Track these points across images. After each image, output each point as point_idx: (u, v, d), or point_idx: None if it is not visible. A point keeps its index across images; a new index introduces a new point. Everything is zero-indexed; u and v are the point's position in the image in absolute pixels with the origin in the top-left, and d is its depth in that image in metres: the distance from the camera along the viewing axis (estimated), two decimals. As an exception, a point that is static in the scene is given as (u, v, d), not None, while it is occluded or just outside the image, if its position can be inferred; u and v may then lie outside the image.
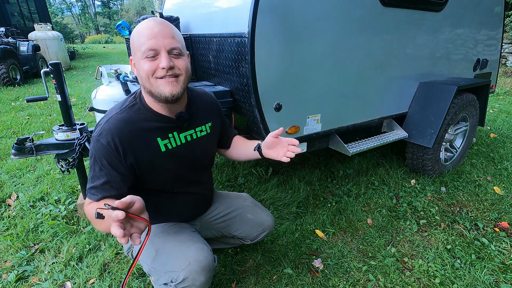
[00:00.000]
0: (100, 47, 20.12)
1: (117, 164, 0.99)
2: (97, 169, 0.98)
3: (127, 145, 0.99)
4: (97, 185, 0.97)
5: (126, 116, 1.01)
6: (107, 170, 0.98)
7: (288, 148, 1.09)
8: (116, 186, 0.99)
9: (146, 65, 0.94)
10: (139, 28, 0.96)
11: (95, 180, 0.98)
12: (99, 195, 0.97)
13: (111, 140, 0.97)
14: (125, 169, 1.00)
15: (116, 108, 1.04)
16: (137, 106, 1.04)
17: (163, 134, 1.06)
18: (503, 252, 1.68)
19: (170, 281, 1.05)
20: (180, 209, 1.24)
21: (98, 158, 0.98)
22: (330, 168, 2.62)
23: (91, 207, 0.96)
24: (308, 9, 1.53)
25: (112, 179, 0.98)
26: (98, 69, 1.75)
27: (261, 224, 1.37)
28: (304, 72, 1.63)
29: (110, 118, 1.00)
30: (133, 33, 0.97)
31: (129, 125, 1.00)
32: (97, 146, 0.98)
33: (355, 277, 1.54)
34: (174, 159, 1.10)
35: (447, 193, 2.26)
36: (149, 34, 0.93)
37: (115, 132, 0.97)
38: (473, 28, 2.46)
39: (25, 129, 3.72)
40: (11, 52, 6.78)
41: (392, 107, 2.21)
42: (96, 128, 1.01)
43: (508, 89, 5.57)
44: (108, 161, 0.97)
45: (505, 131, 3.46)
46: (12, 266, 1.61)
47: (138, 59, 0.96)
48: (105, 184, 0.97)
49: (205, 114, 1.20)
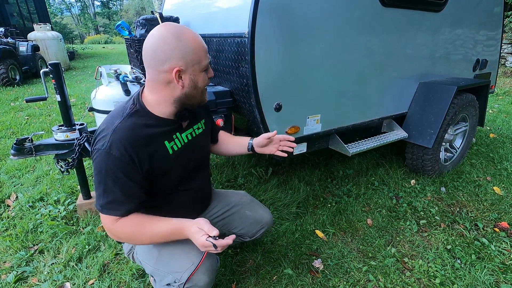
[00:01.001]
0: (100, 48, 20.11)
1: (133, 174, 0.97)
2: (110, 183, 0.95)
3: (141, 153, 0.97)
4: (115, 199, 0.96)
5: (132, 124, 0.98)
6: (123, 182, 0.95)
7: (279, 143, 1.24)
8: (135, 195, 0.98)
9: (205, 77, 1.03)
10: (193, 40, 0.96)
11: (109, 194, 0.96)
12: (121, 209, 0.97)
13: (124, 151, 0.94)
14: (141, 177, 0.99)
15: (117, 117, 0.99)
16: (139, 112, 1.01)
17: (168, 137, 1.06)
18: (503, 252, 1.68)
19: (174, 281, 1.05)
20: (183, 206, 1.24)
21: (111, 171, 0.94)
22: (330, 169, 2.62)
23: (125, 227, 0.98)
24: (308, 9, 1.53)
25: (129, 190, 0.97)
26: (98, 69, 1.75)
27: (260, 221, 1.37)
28: (304, 72, 1.63)
29: (116, 128, 0.95)
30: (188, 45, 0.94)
31: (137, 132, 0.98)
32: (108, 159, 0.93)
33: (355, 277, 1.54)
34: (181, 159, 1.11)
35: (447, 193, 2.26)
36: (205, 49, 1.00)
37: (126, 142, 0.94)
38: (472, 29, 2.46)
39: (25, 130, 3.71)
40: (11, 52, 6.77)
41: (392, 107, 2.21)
42: (100, 141, 0.96)
43: (508, 89, 5.58)
44: (124, 173, 0.95)
45: (504, 131, 3.46)
46: (11, 266, 1.61)
47: (197, 72, 0.99)
48: (124, 196, 0.96)
49: (199, 111, 1.22)
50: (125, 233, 1.00)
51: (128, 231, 0.99)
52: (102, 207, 0.97)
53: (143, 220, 1.00)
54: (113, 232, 1.00)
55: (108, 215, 0.98)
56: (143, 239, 1.02)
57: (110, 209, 0.97)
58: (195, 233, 0.91)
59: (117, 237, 1.02)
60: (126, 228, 0.99)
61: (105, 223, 1.00)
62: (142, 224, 0.99)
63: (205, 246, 0.89)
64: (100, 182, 0.96)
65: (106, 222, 1.00)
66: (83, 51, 16.12)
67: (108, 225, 1.00)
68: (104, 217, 0.99)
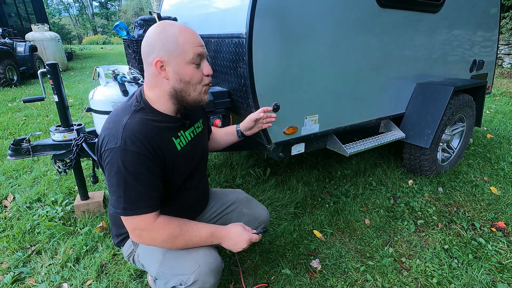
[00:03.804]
0: (98, 48, 20.07)
1: (154, 167, 0.95)
2: (131, 181, 0.90)
3: (155, 146, 0.96)
4: (141, 197, 0.92)
5: (141, 119, 0.96)
6: (145, 176, 0.93)
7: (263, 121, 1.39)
8: (157, 189, 0.97)
9: (195, 71, 0.97)
10: (177, 32, 0.93)
11: (132, 193, 0.91)
12: (149, 205, 0.94)
13: (141, 144, 0.91)
14: (160, 170, 0.98)
15: (123, 115, 0.97)
16: (145, 109, 1.00)
17: (175, 134, 1.06)
18: (500, 251, 1.69)
19: (180, 284, 1.04)
20: (185, 206, 1.23)
21: (132, 167, 0.90)
22: (328, 169, 2.63)
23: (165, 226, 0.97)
24: (305, 10, 1.53)
25: (153, 185, 0.95)
26: (96, 70, 1.75)
27: (257, 218, 1.38)
28: (302, 73, 1.64)
29: (126, 124, 0.93)
30: (169, 36, 0.93)
31: (148, 127, 0.96)
32: (126, 155, 0.89)
33: (353, 277, 1.54)
34: (187, 156, 1.11)
35: (444, 193, 2.27)
36: (198, 41, 0.96)
37: (140, 136, 0.92)
38: (469, 30, 2.48)
39: (22, 130, 3.70)
40: (8, 52, 6.74)
41: (389, 108, 2.22)
42: (111, 140, 0.91)
43: (505, 90, 5.61)
44: (146, 167, 0.92)
45: (501, 132, 3.48)
46: (8, 267, 1.60)
47: (182, 64, 0.95)
48: (149, 190, 0.94)
49: (196, 111, 1.23)
50: (164, 234, 0.96)
51: (168, 232, 0.97)
52: (126, 209, 0.92)
53: (180, 221, 1.00)
54: (151, 233, 0.96)
55: (136, 215, 0.93)
56: (180, 242, 1.00)
57: (136, 209, 0.93)
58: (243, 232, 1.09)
59: (153, 239, 0.97)
60: (166, 228, 0.96)
61: (138, 225, 0.95)
62: (181, 226, 0.99)
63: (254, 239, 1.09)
64: (119, 183, 0.91)
65: (139, 223, 0.94)
66: (81, 51, 16.09)
67: (143, 226, 0.94)
68: (132, 219, 0.94)
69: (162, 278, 1.10)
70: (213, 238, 1.05)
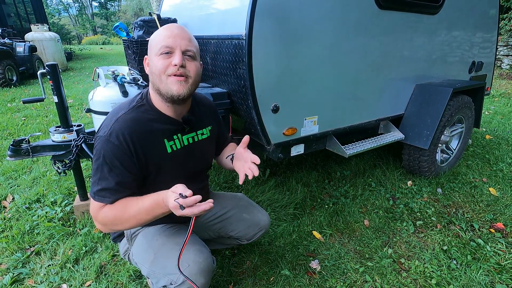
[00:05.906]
0: (97, 48, 20.05)
1: (130, 164, 0.99)
2: (105, 170, 0.97)
3: (138, 145, 1.00)
4: (109, 187, 0.96)
5: (135, 116, 1.01)
6: (119, 171, 0.97)
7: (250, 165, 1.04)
8: (128, 186, 0.99)
9: (160, 62, 0.97)
10: (159, 30, 1.01)
11: (103, 182, 0.97)
12: (112, 197, 0.97)
13: (123, 140, 0.96)
14: (136, 169, 1.00)
15: (123, 108, 1.03)
16: (144, 106, 1.05)
17: (169, 136, 1.08)
18: (499, 252, 1.70)
19: (170, 283, 1.05)
20: None
21: (109, 158, 0.96)
22: (327, 170, 2.63)
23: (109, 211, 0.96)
24: (305, 11, 1.54)
25: (123, 180, 0.98)
26: (95, 71, 1.75)
27: (257, 224, 1.38)
28: (302, 74, 1.64)
29: (119, 118, 0.99)
30: (153, 35, 1.02)
31: (139, 125, 1.01)
32: (107, 146, 0.96)
33: (352, 278, 1.54)
34: (177, 160, 1.11)
35: (443, 194, 2.27)
36: (168, 34, 0.98)
37: (126, 131, 0.97)
38: (468, 31, 2.49)
39: (21, 131, 3.69)
40: (7, 53, 6.73)
41: (388, 109, 2.22)
42: (102, 128, 0.99)
43: (503, 91, 5.63)
44: (121, 161, 0.97)
45: (500, 133, 3.49)
46: (7, 268, 1.60)
47: (152, 56, 1.00)
48: (117, 185, 0.97)
49: (206, 118, 1.23)
50: (108, 217, 0.97)
51: (111, 215, 0.97)
52: (95, 194, 0.98)
53: (125, 202, 0.98)
54: (98, 219, 1.00)
55: (99, 202, 0.98)
56: (128, 220, 0.96)
57: (101, 196, 0.97)
58: (169, 197, 0.86)
59: (102, 223, 0.99)
60: (109, 212, 0.97)
61: (91, 210, 1.00)
62: (125, 205, 0.97)
63: (173, 208, 0.85)
64: (98, 168, 0.98)
65: (93, 208, 1.00)
66: (80, 52, 16.07)
67: (93, 212, 0.99)
68: (94, 203, 0.99)
69: (153, 277, 1.11)
70: (159, 208, 0.93)
